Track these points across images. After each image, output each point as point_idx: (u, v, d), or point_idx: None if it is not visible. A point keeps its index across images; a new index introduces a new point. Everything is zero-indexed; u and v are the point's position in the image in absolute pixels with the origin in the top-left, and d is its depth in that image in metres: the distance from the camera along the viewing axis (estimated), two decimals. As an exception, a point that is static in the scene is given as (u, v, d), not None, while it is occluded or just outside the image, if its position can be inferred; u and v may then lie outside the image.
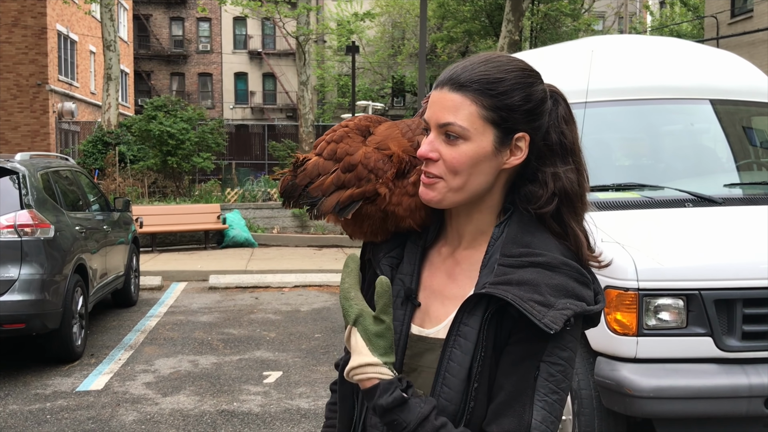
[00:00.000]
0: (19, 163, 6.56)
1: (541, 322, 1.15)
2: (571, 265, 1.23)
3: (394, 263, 1.36)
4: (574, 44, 5.69)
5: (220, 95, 43.31)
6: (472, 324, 1.22)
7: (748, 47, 19.00)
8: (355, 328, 1.24)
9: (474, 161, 1.24)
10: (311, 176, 1.38)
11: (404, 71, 36.20)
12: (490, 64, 1.25)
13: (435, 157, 1.25)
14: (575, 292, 1.21)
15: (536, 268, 1.21)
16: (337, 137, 1.39)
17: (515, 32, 15.73)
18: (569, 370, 1.22)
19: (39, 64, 25.41)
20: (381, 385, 1.20)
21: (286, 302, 9.57)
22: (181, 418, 5.20)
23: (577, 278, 1.22)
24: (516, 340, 1.21)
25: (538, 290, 1.18)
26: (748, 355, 3.54)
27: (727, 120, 4.87)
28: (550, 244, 1.25)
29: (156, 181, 16.85)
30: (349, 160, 1.35)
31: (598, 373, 3.65)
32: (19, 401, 5.57)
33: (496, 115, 1.23)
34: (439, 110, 1.25)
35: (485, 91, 1.23)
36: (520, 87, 1.24)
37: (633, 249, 3.64)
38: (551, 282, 1.20)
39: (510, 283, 1.20)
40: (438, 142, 1.25)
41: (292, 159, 1.44)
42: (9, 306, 5.95)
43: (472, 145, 1.23)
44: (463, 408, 1.22)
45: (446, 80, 1.26)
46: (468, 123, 1.23)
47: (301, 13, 21.73)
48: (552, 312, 1.16)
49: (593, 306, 1.23)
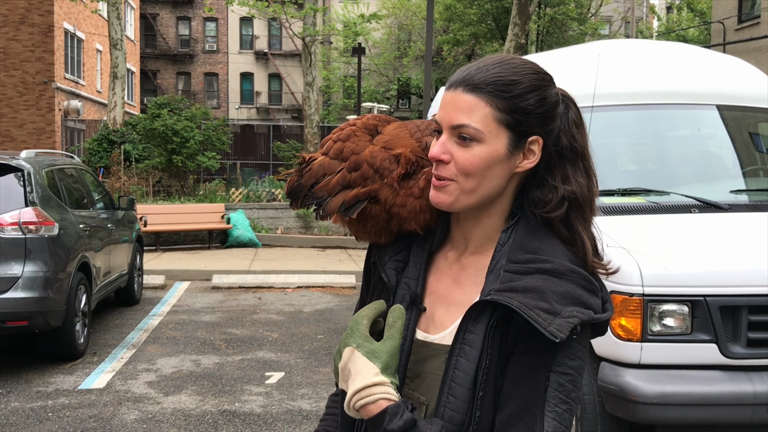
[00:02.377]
0: (24, 161, 6.56)
1: (546, 330, 1.12)
2: (579, 273, 1.20)
3: (400, 267, 1.34)
4: (581, 48, 5.68)
5: (226, 95, 43.35)
6: (477, 331, 1.20)
7: (755, 53, 18.95)
8: (357, 350, 1.20)
9: (487, 164, 1.22)
10: (317, 176, 1.36)
11: (410, 73, 36.19)
12: (504, 65, 1.23)
13: (447, 159, 1.23)
14: (582, 299, 1.18)
15: (543, 275, 1.19)
16: (344, 136, 1.37)
17: (522, 36, 15.72)
18: (579, 380, 1.19)
19: (45, 62, 25.48)
20: (389, 409, 1.15)
21: (289, 303, 9.56)
22: (182, 417, 5.19)
23: (584, 286, 1.20)
24: (523, 349, 1.18)
25: (544, 297, 1.16)
26: (753, 363, 3.53)
27: (734, 126, 4.85)
28: (557, 250, 1.23)
29: (161, 180, 16.86)
30: (355, 159, 1.33)
31: (602, 379, 3.63)
32: (20, 399, 5.57)
33: (511, 118, 1.21)
34: (453, 111, 1.22)
35: (500, 93, 1.21)
36: (535, 90, 1.23)
37: (638, 254, 3.62)
38: (558, 289, 1.17)
39: (516, 290, 1.17)
40: (450, 144, 1.23)
41: (297, 159, 1.42)
42: (12, 303, 5.96)
43: (486, 147, 1.21)
44: (470, 417, 1.19)
45: (460, 81, 1.23)
46: (482, 125, 1.21)
47: (307, 14, 21.73)
48: (558, 320, 1.13)
49: (600, 314, 1.20)
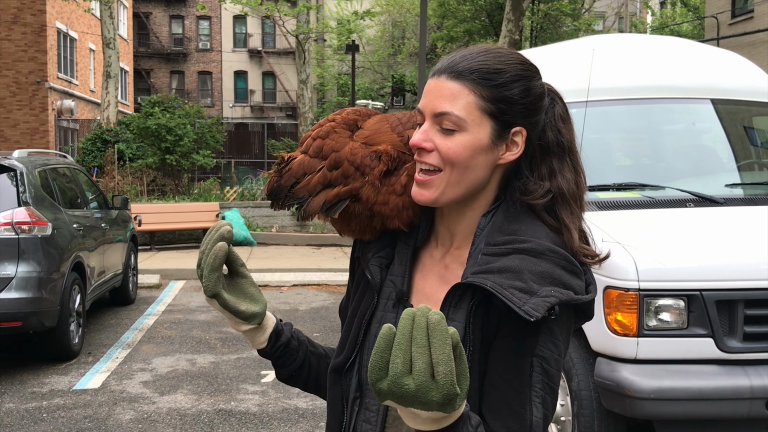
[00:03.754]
0: (17, 160, 6.53)
1: (521, 309, 1.07)
2: (559, 252, 1.16)
3: (384, 263, 1.31)
4: (575, 43, 5.67)
5: (220, 93, 43.26)
6: (458, 318, 1.17)
7: (749, 48, 18.98)
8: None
9: (470, 153, 1.19)
10: (297, 176, 1.32)
11: (404, 70, 36.16)
12: (489, 54, 1.21)
13: (429, 147, 1.20)
14: (562, 280, 1.13)
15: (520, 255, 1.14)
16: (323, 133, 1.34)
17: (515, 32, 15.71)
18: (561, 362, 1.16)
19: (38, 62, 25.38)
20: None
21: (284, 301, 9.54)
22: (178, 417, 5.17)
23: (564, 266, 1.15)
24: (504, 335, 1.15)
25: (520, 277, 1.11)
26: (750, 357, 3.52)
27: (729, 120, 4.85)
28: (538, 231, 1.19)
29: (155, 179, 16.83)
30: (335, 157, 1.30)
31: (598, 374, 3.63)
32: (15, 399, 5.54)
33: (495, 107, 1.19)
34: (436, 99, 1.20)
35: (484, 81, 1.18)
36: (520, 80, 1.20)
37: (634, 249, 3.61)
38: (535, 269, 1.12)
39: (491, 272, 1.13)
40: (432, 132, 1.20)
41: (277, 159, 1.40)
42: (6, 304, 5.93)
43: (469, 136, 1.19)
44: None
45: (444, 68, 1.21)
46: (465, 113, 1.18)
47: (301, 12, 21.72)
48: (534, 299, 1.08)
49: (582, 295, 1.15)
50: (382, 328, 0.93)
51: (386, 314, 1.29)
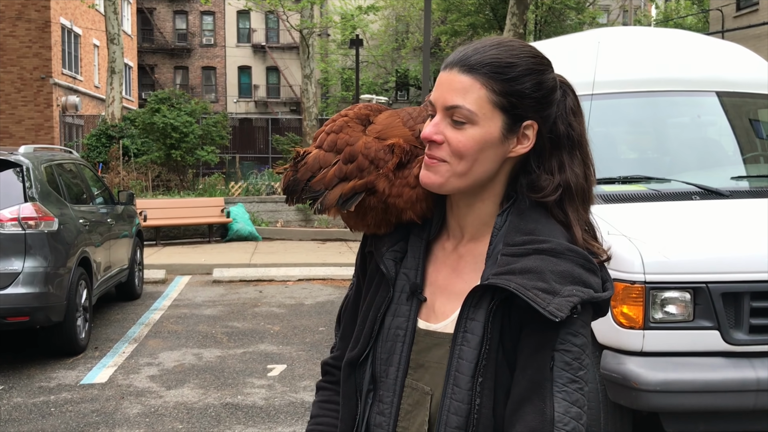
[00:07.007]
0: (23, 156, 6.54)
1: (545, 310, 1.10)
2: (577, 251, 1.18)
3: (398, 257, 1.32)
4: (580, 36, 5.66)
5: (224, 89, 43.27)
6: (478, 317, 1.19)
7: (754, 40, 18.90)
8: None
9: (480, 147, 1.20)
10: (313, 170, 1.34)
11: (408, 65, 36.12)
12: (501, 47, 1.21)
13: (440, 140, 1.21)
14: (582, 278, 1.16)
15: (540, 255, 1.17)
16: (336, 127, 1.36)
17: (519, 25, 15.66)
18: (585, 358, 1.18)
19: (43, 58, 25.41)
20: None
21: (290, 295, 9.56)
22: (185, 411, 5.19)
23: (583, 265, 1.18)
24: (527, 333, 1.17)
25: (542, 277, 1.14)
26: (756, 349, 3.52)
27: (734, 112, 4.84)
28: (555, 230, 1.21)
29: (160, 174, 16.84)
30: (350, 151, 1.32)
31: (604, 367, 3.63)
32: (23, 394, 5.57)
33: (506, 101, 1.19)
34: (447, 92, 1.20)
35: (496, 75, 1.19)
36: (532, 73, 1.20)
37: (640, 242, 3.61)
38: (556, 269, 1.15)
39: (513, 273, 1.15)
40: (443, 125, 1.21)
41: (291, 154, 1.41)
42: (13, 299, 5.95)
43: (480, 130, 1.19)
44: (472, 405, 1.18)
45: (456, 61, 1.21)
46: (476, 107, 1.19)
47: (304, 7, 21.66)
48: (557, 299, 1.12)
49: (601, 293, 1.18)
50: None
51: (400, 307, 1.30)
